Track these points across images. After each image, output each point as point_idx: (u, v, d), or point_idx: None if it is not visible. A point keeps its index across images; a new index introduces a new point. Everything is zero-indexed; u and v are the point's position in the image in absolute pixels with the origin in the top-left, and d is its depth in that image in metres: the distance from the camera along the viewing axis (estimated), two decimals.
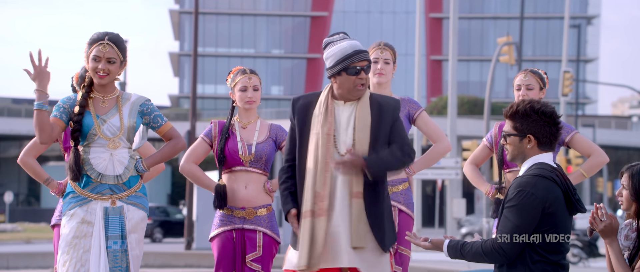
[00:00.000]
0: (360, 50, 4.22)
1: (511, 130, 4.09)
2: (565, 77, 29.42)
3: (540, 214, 3.95)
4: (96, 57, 4.60)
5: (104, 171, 4.61)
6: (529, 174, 4.01)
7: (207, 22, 65.70)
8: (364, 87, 4.24)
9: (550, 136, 4.06)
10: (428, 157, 5.41)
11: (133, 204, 4.66)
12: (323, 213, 4.12)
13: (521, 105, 4.06)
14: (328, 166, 4.15)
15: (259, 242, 5.08)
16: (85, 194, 4.60)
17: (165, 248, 23.47)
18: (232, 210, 5.10)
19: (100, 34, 4.65)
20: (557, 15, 61.37)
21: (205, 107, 63.50)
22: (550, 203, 3.95)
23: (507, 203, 4.00)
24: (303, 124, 4.26)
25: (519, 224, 3.95)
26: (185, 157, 5.18)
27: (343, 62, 4.20)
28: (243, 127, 5.18)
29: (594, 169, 5.41)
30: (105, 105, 4.68)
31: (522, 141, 4.07)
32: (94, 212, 4.58)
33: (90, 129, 4.61)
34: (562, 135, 5.32)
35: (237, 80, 5.17)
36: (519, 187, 3.98)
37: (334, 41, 4.28)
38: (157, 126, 4.75)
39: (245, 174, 5.10)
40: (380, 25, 66.94)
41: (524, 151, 4.08)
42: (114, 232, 4.58)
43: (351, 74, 4.20)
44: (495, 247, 4.00)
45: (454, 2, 23.32)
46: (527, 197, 3.94)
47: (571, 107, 49.76)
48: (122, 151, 4.65)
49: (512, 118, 4.09)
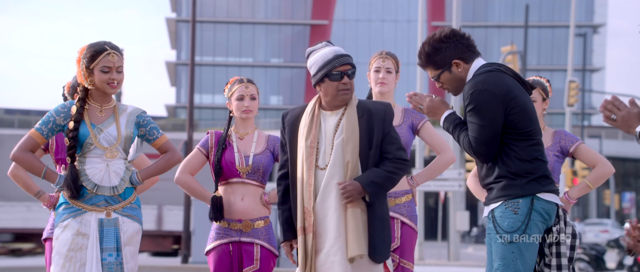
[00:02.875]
0: (341, 55, 4.29)
1: (437, 71, 4.24)
2: (570, 87, 29.42)
3: (502, 105, 4.06)
4: (105, 69, 4.59)
5: (100, 182, 4.60)
6: (475, 75, 4.15)
7: (204, 31, 65.80)
8: (348, 92, 4.28)
9: (466, 48, 4.22)
10: (432, 168, 5.40)
11: (128, 216, 4.65)
12: (310, 229, 4.20)
13: (425, 47, 4.22)
14: (311, 180, 4.21)
15: (256, 256, 5.07)
16: (79, 205, 4.59)
17: (161, 262, 23.42)
18: (228, 222, 5.09)
19: (102, 44, 4.63)
20: (563, 24, 61.49)
21: (202, 118, 63.54)
22: (506, 91, 4.08)
23: (466, 107, 4.12)
24: (291, 138, 4.34)
25: (484, 123, 4.06)
26: (180, 169, 5.17)
27: (325, 67, 4.27)
28: (240, 138, 5.17)
29: (600, 180, 5.39)
30: (102, 115, 4.67)
31: (452, 71, 4.22)
32: (88, 223, 4.57)
33: (87, 139, 4.60)
34: (566, 145, 5.31)
35: (234, 90, 5.18)
36: (470, 89, 4.11)
37: (316, 49, 4.36)
38: (152, 139, 4.75)
39: (242, 186, 5.09)
40: (382, 33, 67.03)
41: (459, 77, 4.23)
42: (109, 244, 4.57)
43: (334, 79, 4.27)
44: (473, 152, 4.13)
45: (456, 10, 23.35)
46: (482, 93, 4.06)
47: (577, 117, 49.78)
48: (118, 161, 4.64)
49: (428, 62, 4.25)
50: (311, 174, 4.21)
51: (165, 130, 54.02)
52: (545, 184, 4.11)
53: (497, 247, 4.09)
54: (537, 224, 4.09)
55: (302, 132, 4.28)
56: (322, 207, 4.23)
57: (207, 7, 66.46)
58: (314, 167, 4.23)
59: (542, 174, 4.11)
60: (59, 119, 4.63)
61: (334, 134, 4.27)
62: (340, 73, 4.26)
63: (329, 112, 4.32)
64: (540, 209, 4.09)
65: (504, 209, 4.09)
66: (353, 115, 4.28)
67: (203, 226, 18.98)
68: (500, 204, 4.11)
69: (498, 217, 4.10)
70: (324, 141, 4.28)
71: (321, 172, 4.24)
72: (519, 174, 4.09)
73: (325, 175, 4.24)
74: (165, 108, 69.79)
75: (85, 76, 4.63)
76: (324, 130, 4.30)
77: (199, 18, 61.31)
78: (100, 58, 4.59)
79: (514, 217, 4.06)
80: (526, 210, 4.07)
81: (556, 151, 5.31)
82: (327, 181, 4.23)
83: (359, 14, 67.50)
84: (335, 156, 4.24)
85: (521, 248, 4.06)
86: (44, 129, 4.62)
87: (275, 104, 67.80)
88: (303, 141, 4.26)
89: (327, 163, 4.25)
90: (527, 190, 4.07)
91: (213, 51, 67.28)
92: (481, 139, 4.07)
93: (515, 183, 4.08)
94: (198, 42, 62.94)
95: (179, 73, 66.81)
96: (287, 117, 4.38)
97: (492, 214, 4.15)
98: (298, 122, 4.34)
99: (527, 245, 4.08)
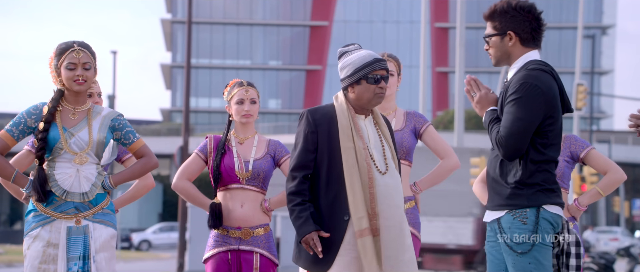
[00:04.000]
0: (380, 59, 4.34)
1: (491, 31, 4.23)
2: (578, 90, 29.44)
3: (545, 108, 4.06)
4: (71, 65, 4.57)
5: (70, 188, 4.56)
6: (529, 68, 4.12)
7: (201, 32, 65.84)
8: (383, 97, 4.34)
9: (531, 30, 4.20)
10: (436, 174, 5.40)
11: (100, 221, 4.62)
12: (377, 232, 4.22)
13: (498, 4, 4.21)
14: (373, 182, 4.24)
15: (255, 264, 5.06)
16: (48, 212, 4.56)
17: (156, 269, 23.42)
18: (227, 230, 5.08)
19: (68, 43, 4.64)
20: (570, 25, 61.53)
21: (198, 122, 63.54)
22: (553, 98, 4.08)
23: (510, 96, 4.09)
24: (329, 135, 4.31)
25: (522, 116, 4.05)
26: (178, 174, 5.17)
27: (363, 69, 4.30)
28: (240, 143, 5.17)
29: (611, 187, 5.40)
30: (74, 118, 4.64)
31: (503, 40, 4.21)
32: (58, 232, 4.54)
33: (57, 143, 4.56)
34: (576, 150, 5.32)
35: (233, 93, 5.17)
36: (522, 79, 4.08)
37: (350, 50, 4.39)
38: (128, 143, 4.71)
39: (242, 192, 5.08)
40: (383, 35, 67.09)
41: (507, 50, 4.22)
42: (74, 253, 4.54)
43: (371, 82, 4.30)
44: (497, 142, 4.11)
45: (460, 11, 23.37)
46: (532, 89, 4.05)
47: (585, 121, 49.81)
48: (89, 166, 4.60)
49: (490, 18, 4.24)
50: (372, 176, 4.24)
51: (161, 135, 54.02)
52: (552, 196, 4.14)
53: (514, 260, 4.09)
54: (547, 230, 4.10)
55: (347, 133, 4.28)
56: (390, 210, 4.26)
57: (204, 8, 66.50)
58: (374, 170, 4.26)
59: (549, 187, 4.13)
60: (30, 121, 4.59)
61: (374, 140, 4.34)
62: (378, 77, 4.30)
63: (362, 116, 4.37)
64: (548, 217, 4.11)
65: (511, 219, 4.10)
66: (383, 122, 4.41)
67: (200, 234, 18.98)
68: (506, 213, 4.13)
69: (507, 229, 4.11)
70: (372, 146, 4.33)
71: (380, 175, 4.28)
72: (528, 183, 4.09)
73: (385, 178, 4.28)
74: (161, 112, 69.82)
75: (55, 76, 4.62)
76: (365, 134, 4.34)
77: (195, 19, 61.33)
78: (66, 55, 4.58)
79: (524, 228, 4.08)
80: (534, 219, 4.08)
81: (566, 156, 5.32)
82: (393, 184, 4.30)
83: (360, 14, 67.56)
84: (390, 160, 4.33)
85: (537, 257, 4.08)
86: (14, 131, 4.58)
87: (273, 107, 67.83)
88: (351, 142, 4.27)
89: (387, 168, 4.30)
90: (534, 200, 4.09)
91: (210, 53, 67.32)
92: (513, 131, 4.05)
93: (521, 193, 4.09)
94: (194, 44, 62.94)
95: (174, 76, 66.82)
96: (319, 112, 4.35)
97: (498, 223, 4.16)
98: (334, 120, 4.32)
99: (542, 252, 4.09)
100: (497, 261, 4.22)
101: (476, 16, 62.61)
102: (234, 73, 64.95)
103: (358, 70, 4.30)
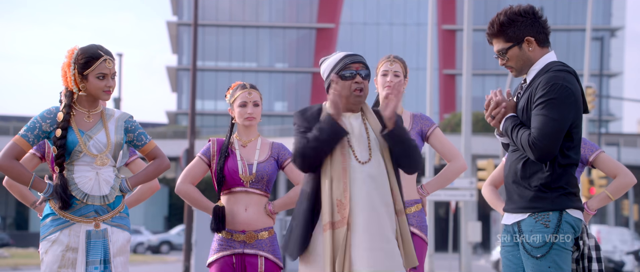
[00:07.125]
0: (353, 54, 4.31)
1: (506, 45, 4.16)
2: (587, 92, 29.40)
3: (575, 109, 4.03)
4: (102, 75, 4.56)
5: (90, 191, 4.55)
6: (555, 70, 4.07)
7: (206, 35, 65.91)
8: (362, 93, 4.28)
9: (542, 29, 4.17)
10: (442, 176, 5.38)
11: (117, 225, 4.62)
12: (344, 222, 4.12)
13: (500, 17, 4.16)
14: (346, 173, 4.16)
15: (260, 268, 5.06)
16: (67, 216, 4.54)
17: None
18: (231, 233, 5.07)
19: (96, 50, 4.58)
20: (579, 27, 61.43)
21: (204, 125, 63.60)
22: (579, 99, 4.07)
23: (541, 98, 4.02)
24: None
25: (557, 117, 4.00)
26: (181, 178, 5.16)
27: (336, 66, 4.29)
28: (243, 146, 5.16)
29: (621, 190, 5.36)
30: (89, 121, 4.63)
31: (522, 48, 4.16)
32: (77, 236, 4.53)
33: (75, 146, 4.55)
34: (585, 153, 5.29)
35: (236, 96, 5.16)
36: (552, 80, 4.03)
37: (329, 56, 4.40)
38: (141, 144, 4.71)
39: (246, 196, 5.07)
40: (390, 37, 67.06)
41: (528, 57, 4.17)
42: (94, 257, 4.53)
43: (347, 78, 4.25)
44: (530, 144, 4.03)
45: (468, 13, 23.34)
46: (564, 89, 4.02)
47: (594, 124, 49.70)
48: (108, 169, 4.60)
49: (500, 33, 4.18)
50: (346, 166, 4.17)
51: (167, 138, 54.07)
52: (574, 200, 4.13)
53: (533, 264, 4.06)
54: (568, 234, 4.07)
55: None
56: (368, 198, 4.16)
57: (210, 10, 66.59)
58: (350, 160, 4.19)
59: (572, 190, 4.11)
60: (45, 125, 4.57)
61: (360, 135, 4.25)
62: (353, 72, 4.26)
63: (348, 114, 4.31)
64: (570, 220, 4.08)
65: (534, 222, 4.07)
66: (374, 118, 4.29)
67: (206, 237, 18.96)
68: (528, 216, 4.10)
69: (528, 233, 4.07)
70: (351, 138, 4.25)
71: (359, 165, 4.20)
72: (552, 187, 4.07)
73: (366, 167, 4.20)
74: (166, 115, 69.90)
75: (77, 82, 4.57)
76: (350, 128, 4.27)
77: (201, 21, 61.43)
78: (97, 65, 4.55)
79: (546, 231, 4.05)
80: (556, 221, 4.06)
81: None
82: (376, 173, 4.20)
83: (366, 17, 67.54)
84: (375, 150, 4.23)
85: (556, 261, 4.05)
86: (29, 136, 4.55)
87: (279, 110, 67.85)
88: None
89: (370, 157, 4.22)
90: (557, 204, 4.07)
91: (215, 56, 67.38)
92: (548, 132, 3.99)
93: (545, 196, 4.07)
94: (200, 46, 63.04)
95: (180, 78, 66.90)
96: (309, 111, 4.35)
97: (518, 226, 4.11)
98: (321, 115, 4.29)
99: (561, 256, 4.07)
100: (513, 265, 4.18)
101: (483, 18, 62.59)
102: (240, 75, 65.02)
103: (332, 70, 4.29)
